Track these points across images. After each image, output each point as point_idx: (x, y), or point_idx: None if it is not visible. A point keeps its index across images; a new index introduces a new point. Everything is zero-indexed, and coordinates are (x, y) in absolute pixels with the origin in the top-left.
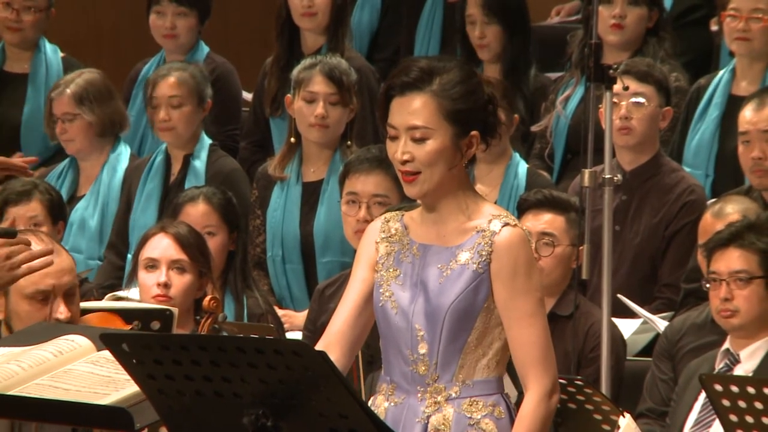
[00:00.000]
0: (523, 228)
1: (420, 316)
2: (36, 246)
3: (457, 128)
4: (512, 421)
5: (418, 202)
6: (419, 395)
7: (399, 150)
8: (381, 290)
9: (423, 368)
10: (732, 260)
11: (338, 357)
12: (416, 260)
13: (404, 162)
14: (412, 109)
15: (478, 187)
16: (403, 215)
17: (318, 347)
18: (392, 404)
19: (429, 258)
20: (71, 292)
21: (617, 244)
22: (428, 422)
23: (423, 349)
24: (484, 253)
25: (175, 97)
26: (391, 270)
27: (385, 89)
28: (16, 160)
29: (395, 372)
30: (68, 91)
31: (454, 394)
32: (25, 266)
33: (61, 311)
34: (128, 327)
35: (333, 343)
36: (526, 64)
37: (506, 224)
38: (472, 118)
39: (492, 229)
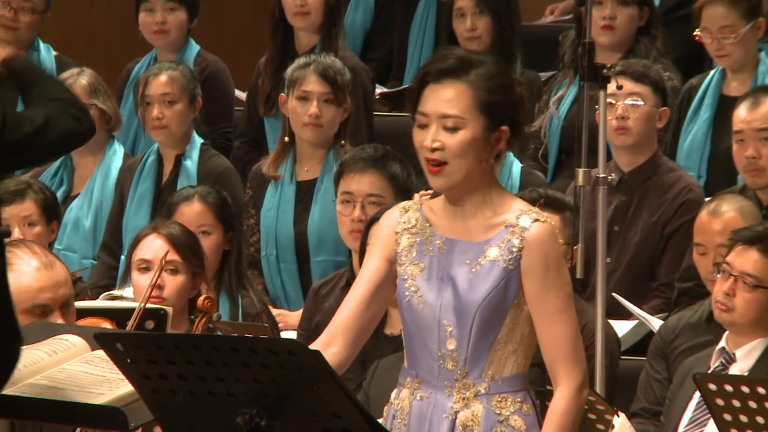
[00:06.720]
0: (552, 223)
1: (448, 312)
2: (31, 259)
3: (489, 121)
4: (538, 417)
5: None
6: (447, 391)
7: (429, 138)
8: (406, 285)
9: (451, 364)
10: (748, 261)
11: (340, 349)
12: (441, 254)
13: (434, 150)
14: (447, 98)
15: None
16: (421, 205)
17: (321, 338)
18: (418, 398)
19: (456, 253)
20: (67, 303)
21: (616, 244)
22: (456, 418)
23: (451, 345)
24: (514, 249)
25: (168, 94)
26: (415, 264)
27: (421, 76)
28: None
29: (421, 366)
30: (83, 81)
31: (483, 391)
32: None
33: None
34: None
35: (336, 335)
36: (512, 60)
37: (536, 220)
38: (504, 113)
39: (522, 224)
